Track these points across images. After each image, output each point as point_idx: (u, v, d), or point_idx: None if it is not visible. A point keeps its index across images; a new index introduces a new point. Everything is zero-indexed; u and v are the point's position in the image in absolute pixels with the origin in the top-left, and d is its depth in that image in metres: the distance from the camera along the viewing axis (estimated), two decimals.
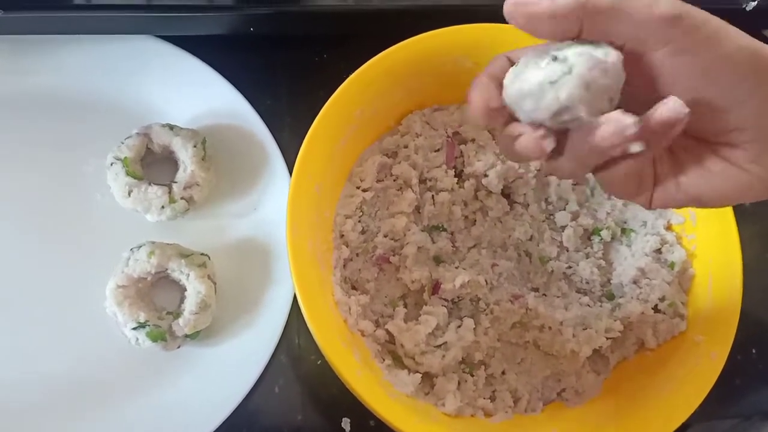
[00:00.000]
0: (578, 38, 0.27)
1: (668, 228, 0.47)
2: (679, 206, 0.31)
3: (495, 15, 0.31)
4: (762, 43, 0.27)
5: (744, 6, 0.49)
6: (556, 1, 0.26)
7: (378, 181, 0.45)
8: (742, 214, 0.44)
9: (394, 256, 0.45)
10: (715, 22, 0.26)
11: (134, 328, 0.42)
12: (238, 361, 0.45)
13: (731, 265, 0.43)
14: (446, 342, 0.42)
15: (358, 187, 0.45)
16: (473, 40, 0.45)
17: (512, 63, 0.29)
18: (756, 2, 0.48)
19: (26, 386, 0.44)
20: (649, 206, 0.31)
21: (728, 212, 0.44)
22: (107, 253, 0.46)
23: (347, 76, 0.42)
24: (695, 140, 0.29)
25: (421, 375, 0.41)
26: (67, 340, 0.45)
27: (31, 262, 0.46)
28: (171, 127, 0.47)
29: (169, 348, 0.43)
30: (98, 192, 0.48)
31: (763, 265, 0.54)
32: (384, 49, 0.43)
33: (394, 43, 0.43)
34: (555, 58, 0.26)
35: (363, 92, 0.43)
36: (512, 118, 0.29)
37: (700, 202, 0.30)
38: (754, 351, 0.51)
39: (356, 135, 0.44)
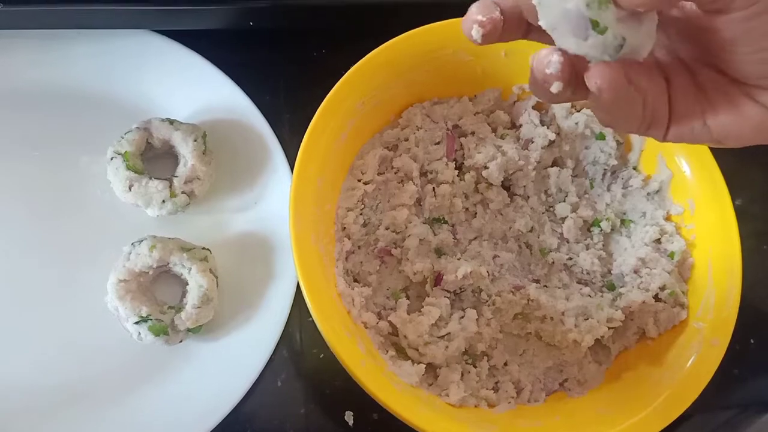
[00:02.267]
0: None
1: (667, 218, 0.47)
2: (695, 143, 0.31)
3: None
4: None
5: None
6: None
7: (379, 173, 0.46)
8: (737, 212, 0.44)
9: (395, 248, 0.45)
10: None
11: (136, 323, 0.42)
12: (241, 355, 0.45)
13: (730, 253, 0.43)
14: (449, 333, 0.42)
15: (359, 180, 0.45)
16: None
17: None
18: None
19: (27, 382, 0.44)
20: (662, 139, 0.31)
21: (727, 202, 0.44)
22: (108, 248, 0.45)
23: (346, 72, 0.43)
24: (730, 80, 0.29)
25: (424, 366, 0.41)
26: (68, 335, 0.45)
27: (31, 258, 0.46)
28: (171, 122, 0.47)
29: (172, 342, 0.43)
30: (98, 187, 0.47)
31: (760, 258, 0.54)
32: (383, 44, 0.44)
33: (393, 38, 0.44)
34: None
35: (364, 85, 0.43)
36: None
37: (720, 143, 0.30)
38: (752, 341, 0.52)
39: (357, 128, 0.45)
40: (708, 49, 0.29)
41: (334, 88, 0.42)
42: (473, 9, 0.28)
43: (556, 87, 0.28)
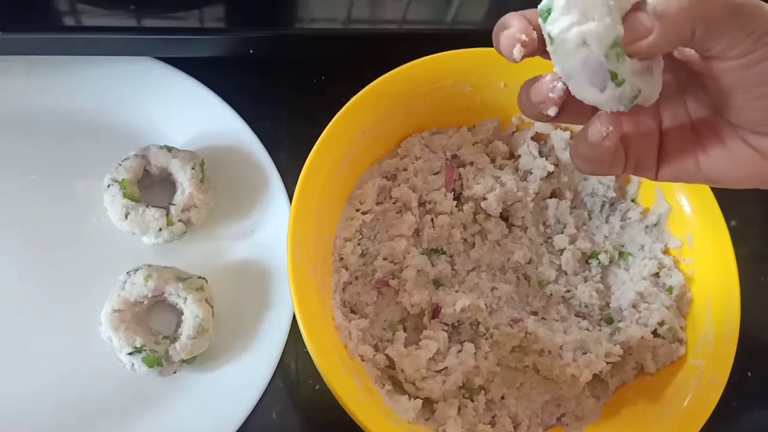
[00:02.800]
0: None
1: (666, 252, 0.47)
2: (689, 182, 0.31)
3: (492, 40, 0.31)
4: None
5: None
6: None
7: (377, 203, 0.45)
8: (732, 235, 0.44)
9: (393, 279, 0.44)
10: None
11: (130, 354, 0.42)
12: (236, 387, 0.44)
13: (729, 289, 0.43)
14: (447, 367, 0.42)
15: (357, 210, 0.45)
16: (471, 65, 0.45)
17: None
18: None
19: (19, 411, 0.43)
20: (655, 179, 0.31)
21: (725, 236, 0.44)
22: (103, 276, 0.45)
23: (345, 100, 0.43)
24: (728, 124, 0.29)
25: (421, 401, 0.40)
26: (61, 365, 0.44)
27: (26, 285, 0.46)
28: (169, 149, 0.46)
29: (166, 373, 0.43)
30: (94, 214, 0.47)
31: (756, 287, 0.54)
32: (382, 73, 0.44)
33: (392, 67, 0.44)
34: None
35: (365, 115, 0.43)
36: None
37: (714, 183, 0.31)
38: (749, 373, 0.51)
39: (356, 158, 0.44)
40: (707, 92, 0.29)
41: (334, 119, 0.42)
42: (514, 28, 0.28)
43: (553, 111, 0.29)
